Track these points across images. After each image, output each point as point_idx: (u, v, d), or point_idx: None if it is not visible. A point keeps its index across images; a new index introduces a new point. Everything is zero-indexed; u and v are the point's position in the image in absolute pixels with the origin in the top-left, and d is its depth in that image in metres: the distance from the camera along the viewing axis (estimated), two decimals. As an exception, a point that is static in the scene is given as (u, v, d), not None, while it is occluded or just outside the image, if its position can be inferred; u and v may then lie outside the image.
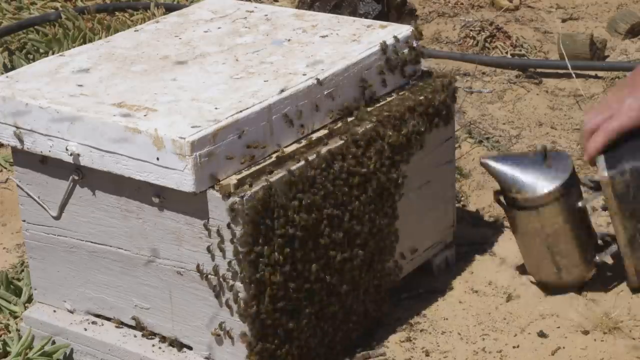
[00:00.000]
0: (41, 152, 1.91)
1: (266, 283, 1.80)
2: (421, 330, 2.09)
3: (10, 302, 2.22)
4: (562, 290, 2.15)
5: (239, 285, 1.79)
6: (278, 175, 1.80)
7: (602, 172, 2.00)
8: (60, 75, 2.00)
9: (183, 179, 1.75)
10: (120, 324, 1.98)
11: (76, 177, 1.91)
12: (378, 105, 2.03)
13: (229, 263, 1.78)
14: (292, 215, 1.82)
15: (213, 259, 1.80)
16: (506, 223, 2.45)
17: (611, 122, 2.01)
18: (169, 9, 3.50)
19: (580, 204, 2.05)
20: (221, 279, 1.80)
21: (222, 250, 1.78)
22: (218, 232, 1.77)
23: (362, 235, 1.97)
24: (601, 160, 2.02)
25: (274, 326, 1.84)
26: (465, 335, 2.08)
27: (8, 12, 3.61)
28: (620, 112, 2.01)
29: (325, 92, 1.94)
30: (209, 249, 1.80)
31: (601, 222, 2.35)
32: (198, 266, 1.82)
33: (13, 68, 3.14)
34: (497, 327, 2.09)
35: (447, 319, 2.12)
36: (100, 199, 1.90)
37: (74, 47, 2.90)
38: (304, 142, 1.90)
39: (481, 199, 2.54)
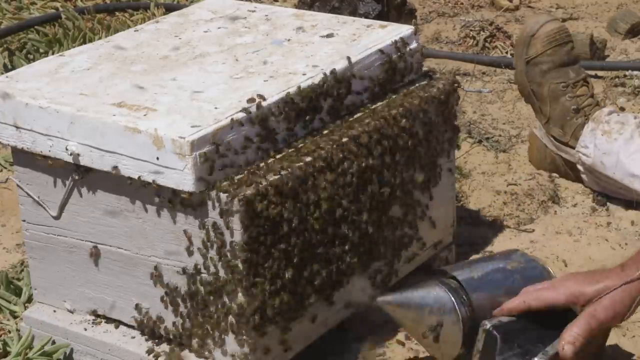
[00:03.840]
0: (41, 152, 1.91)
1: (265, 283, 1.80)
2: (421, 330, 2.09)
3: (10, 302, 2.22)
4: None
5: (237, 285, 1.79)
6: (278, 175, 1.80)
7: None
8: (60, 75, 2.00)
9: (183, 179, 1.75)
10: (120, 324, 1.98)
11: (76, 177, 1.91)
12: (378, 105, 2.03)
13: (228, 263, 1.78)
14: (292, 215, 1.82)
15: (212, 259, 1.80)
16: (506, 223, 2.46)
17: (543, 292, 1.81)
18: (169, 9, 3.50)
19: None
20: (220, 279, 1.80)
21: (221, 250, 1.78)
22: (217, 232, 1.77)
23: (362, 234, 1.97)
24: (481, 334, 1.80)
25: (273, 325, 1.84)
26: (465, 335, 2.07)
27: (8, 12, 3.61)
28: (557, 289, 1.80)
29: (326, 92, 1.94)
30: (208, 249, 1.80)
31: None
32: (197, 266, 1.82)
33: (13, 68, 3.14)
34: (497, 327, 2.09)
35: (447, 318, 2.12)
36: (100, 199, 1.90)
37: (74, 47, 2.90)
38: (304, 142, 1.90)
39: (481, 199, 2.54)
